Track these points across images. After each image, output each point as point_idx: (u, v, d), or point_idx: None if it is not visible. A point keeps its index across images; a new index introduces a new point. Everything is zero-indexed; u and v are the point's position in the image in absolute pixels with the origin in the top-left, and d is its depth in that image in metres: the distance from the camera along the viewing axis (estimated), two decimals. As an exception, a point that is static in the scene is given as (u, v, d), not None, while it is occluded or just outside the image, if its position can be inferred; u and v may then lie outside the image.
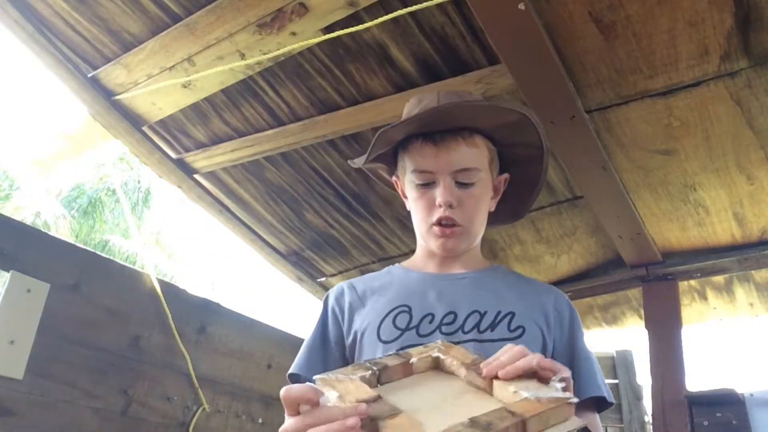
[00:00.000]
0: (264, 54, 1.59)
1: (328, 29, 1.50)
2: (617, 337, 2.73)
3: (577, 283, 2.38)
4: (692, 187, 1.81)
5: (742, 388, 1.94)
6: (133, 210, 13.14)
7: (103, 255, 1.93)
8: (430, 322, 1.00)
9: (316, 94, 1.78)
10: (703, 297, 2.37)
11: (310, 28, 1.51)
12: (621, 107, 1.57)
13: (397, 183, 1.19)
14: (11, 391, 1.48)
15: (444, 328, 0.98)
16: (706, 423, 1.89)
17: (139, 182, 13.68)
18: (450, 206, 1.04)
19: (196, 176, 2.17)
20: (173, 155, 2.10)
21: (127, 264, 1.98)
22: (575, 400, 0.68)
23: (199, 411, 1.94)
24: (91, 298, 1.71)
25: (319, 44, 1.57)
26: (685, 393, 1.94)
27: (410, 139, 1.08)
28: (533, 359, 0.73)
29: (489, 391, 0.72)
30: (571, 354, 1.04)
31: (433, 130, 1.06)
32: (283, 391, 0.68)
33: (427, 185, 1.06)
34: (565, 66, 1.46)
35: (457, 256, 1.11)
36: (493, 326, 0.99)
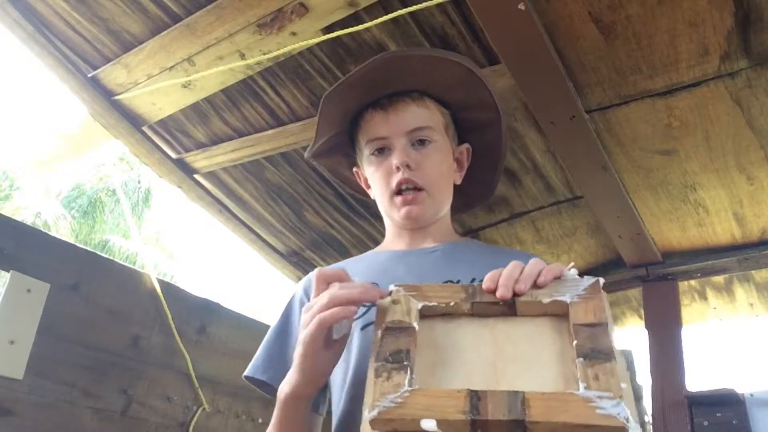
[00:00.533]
0: (264, 54, 1.59)
1: (328, 29, 1.50)
2: (617, 337, 2.73)
3: (577, 283, 2.37)
4: (692, 187, 1.81)
5: (742, 388, 1.94)
6: (133, 210, 13.14)
7: (104, 255, 1.93)
8: None
9: (316, 94, 1.78)
10: (703, 297, 2.37)
11: (310, 28, 1.51)
12: (621, 107, 1.57)
13: (358, 174, 1.16)
14: (11, 391, 1.48)
15: None
16: (706, 423, 1.89)
17: (139, 182, 13.69)
18: (408, 167, 1.00)
19: (196, 176, 2.17)
20: (173, 155, 2.10)
21: (127, 264, 1.98)
22: (601, 280, 0.70)
23: (199, 411, 1.94)
24: (91, 298, 1.71)
25: (319, 44, 1.57)
26: (685, 393, 1.94)
27: (361, 114, 1.07)
28: (555, 266, 0.72)
29: (513, 312, 0.69)
30: None
31: (381, 96, 1.05)
32: (316, 272, 0.78)
33: (382, 153, 1.04)
34: (565, 66, 1.46)
35: (426, 230, 1.07)
36: None
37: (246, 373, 1.01)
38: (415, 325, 0.67)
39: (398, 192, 1.02)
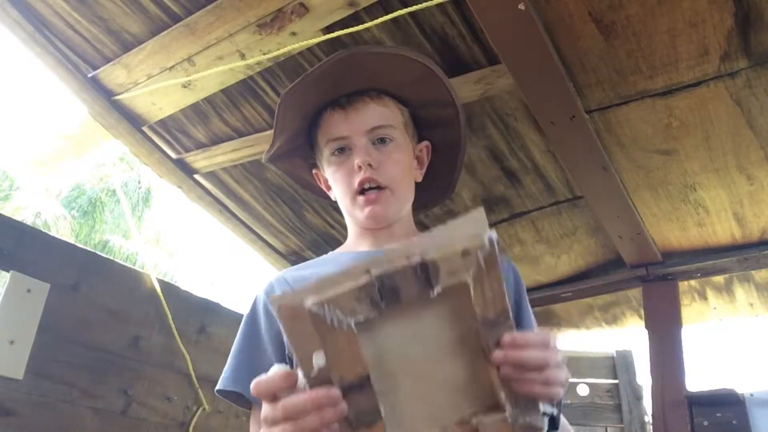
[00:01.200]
0: (264, 54, 1.58)
1: (328, 29, 1.50)
2: (617, 337, 2.73)
3: (577, 283, 2.38)
4: (692, 187, 1.81)
5: (742, 388, 1.94)
6: (133, 210, 13.14)
7: (104, 255, 1.93)
8: None
9: (316, 94, 1.78)
10: (703, 297, 2.37)
11: (310, 28, 1.51)
12: (621, 107, 1.57)
13: (318, 176, 1.14)
14: (11, 391, 1.48)
15: None
16: (706, 423, 1.89)
17: (139, 182, 13.69)
18: (370, 165, 0.99)
19: (196, 176, 2.17)
20: (173, 155, 2.10)
21: (127, 264, 1.98)
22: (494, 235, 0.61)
23: (199, 411, 1.94)
24: (91, 298, 1.71)
25: (319, 44, 1.57)
26: (685, 393, 1.94)
27: (320, 114, 1.05)
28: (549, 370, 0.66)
29: (488, 356, 0.64)
30: (516, 317, 1.00)
31: (339, 95, 1.04)
32: (252, 387, 0.64)
33: (342, 153, 1.03)
34: (565, 66, 1.46)
35: (390, 230, 1.06)
36: None
37: (217, 387, 0.98)
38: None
39: (361, 192, 1.01)
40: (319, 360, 0.60)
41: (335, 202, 1.12)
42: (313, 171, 1.15)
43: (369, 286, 0.59)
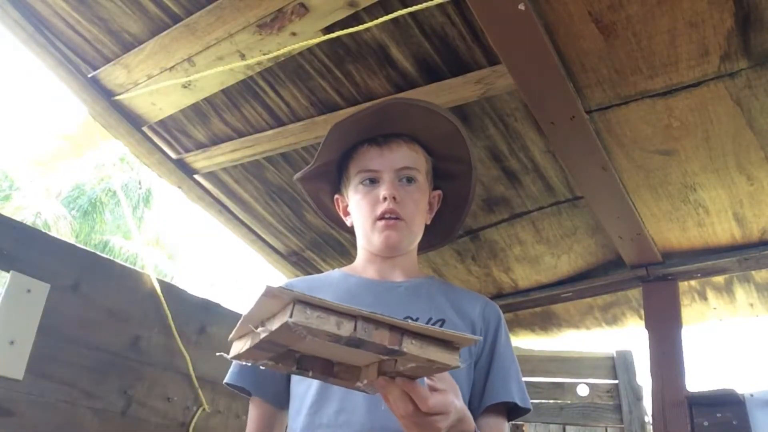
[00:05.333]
0: (264, 54, 1.59)
1: (328, 29, 1.50)
2: (617, 337, 2.73)
3: (577, 283, 2.38)
4: (692, 187, 1.81)
5: (742, 388, 1.94)
6: (133, 211, 13.14)
7: (104, 255, 1.93)
8: None
9: (316, 95, 1.78)
10: (703, 297, 2.37)
11: (310, 29, 1.51)
12: (621, 107, 1.57)
13: (338, 201, 1.26)
14: (11, 391, 1.48)
15: None
16: (706, 423, 1.89)
17: (139, 183, 13.69)
18: (394, 199, 1.11)
19: (196, 176, 2.17)
20: (173, 155, 2.10)
21: (127, 264, 1.98)
22: None
23: (199, 411, 1.94)
24: (91, 298, 1.71)
25: (319, 44, 1.57)
26: (685, 393, 1.94)
27: (356, 147, 1.18)
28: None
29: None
30: (491, 359, 1.11)
31: (378, 134, 1.17)
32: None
33: (372, 184, 1.15)
34: (565, 66, 1.46)
35: (395, 262, 1.18)
36: None
37: (225, 380, 1.13)
38: None
39: (381, 218, 1.12)
40: (263, 331, 0.68)
41: (332, 225, 1.28)
42: (335, 196, 1.27)
43: (346, 339, 0.66)
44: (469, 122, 1.75)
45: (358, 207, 1.17)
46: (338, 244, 2.37)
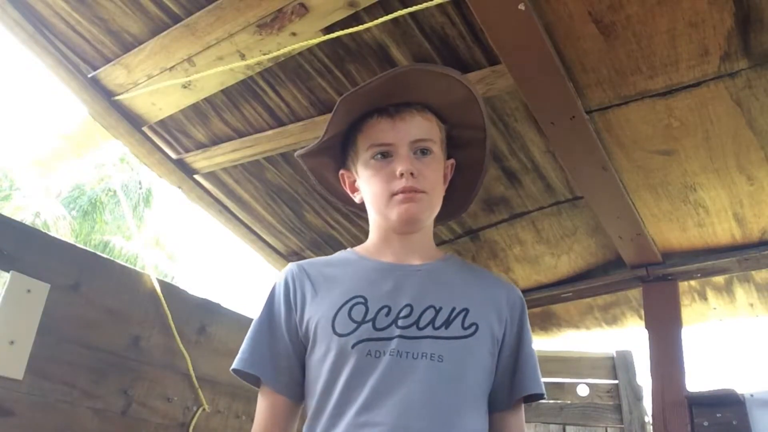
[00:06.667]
0: (264, 54, 1.59)
1: (328, 29, 1.50)
2: (617, 337, 2.73)
3: (577, 283, 2.38)
4: (692, 187, 1.81)
5: (742, 388, 1.94)
6: (133, 211, 13.14)
7: (104, 255, 1.92)
8: (387, 314, 1.00)
9: (316, 95, 1.78)
10: (703, 297, 2.37)
11: (310, 29, 1.51)
12: (621, 107, 1.57)
13: (344, 177, 1.18)
14: (11, 391, 1.48)
15: (400, 322, 0.99)
16: (706, 423, 1.89)
17: (139, 183, 13.69)
18: (411, 175, 1.04)
19: (196, 176, 2.17)
20: (173, 155, 2.10)
21: (127, 264, 1.98)
22: None
23: (199, 411, 1.94)
24: (91, 298, 1.71)
25: (319, 45, 1.57)
26: (685, 393, 1.94)
27: (364, 118, 1.10)
28: None
29: None
30: (518, 349, 1.08)
31: (388, 104, 1.08)
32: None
33: (384, 158, 1.07)
34: (565, 66, 1.46)
35: (412, 241, 1.11)
36: (447, 323, 1.00)
37: (234, 366, 1.06)
38: None
39: (398, 193, 1.05)
40: None
41: (337, 203, 1.13)
42: (341, 172, 1.19)
43: None
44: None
45: (370, 183, 1.09)
46: (338, 244, 2.37)
